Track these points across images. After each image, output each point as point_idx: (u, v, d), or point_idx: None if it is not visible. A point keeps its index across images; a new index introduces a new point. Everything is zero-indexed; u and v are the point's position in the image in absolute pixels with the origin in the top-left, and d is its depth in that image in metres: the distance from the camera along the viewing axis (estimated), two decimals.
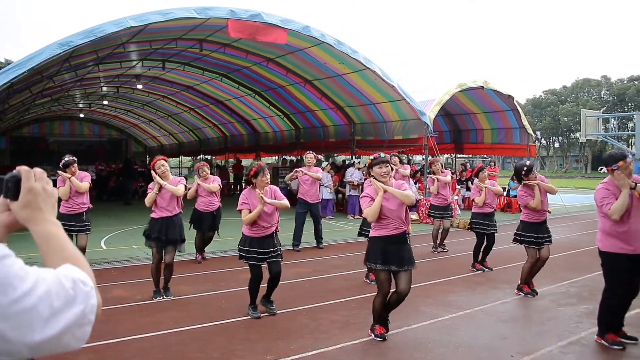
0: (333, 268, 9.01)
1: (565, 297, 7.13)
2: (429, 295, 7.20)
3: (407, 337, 5.47)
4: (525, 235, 7.17)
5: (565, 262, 9.56)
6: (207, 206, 9.34)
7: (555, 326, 5.87)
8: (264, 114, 23.39)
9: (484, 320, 6.11)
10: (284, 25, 12.36)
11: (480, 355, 4.95)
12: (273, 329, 5.71)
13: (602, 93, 71.14)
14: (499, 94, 18.99)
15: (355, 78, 16.10)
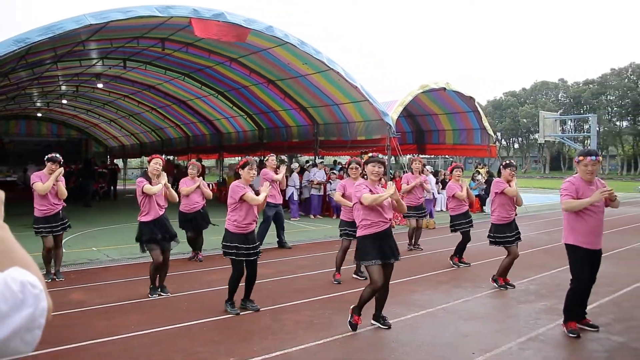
0: (297, 268, 9.01)
1: (524, 295, 7.27)
2: (392, 294, 7.20)
3: (370, 337, 5.50)
4: (499, 237, 7.56)
5: (525, 260, 9.72)
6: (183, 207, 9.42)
7: (514, 323, 5.98)
8: (226, 114, 23.22)
9: (446, 319, 6.18)
10: (247, 25, 12.29)
11: (442, 354, 5.01)
12: (236, 331, 5.68)
13: (559, 95, 72.94)
14: (460, 95, 19.26)
15: (318, 78, 16.11)
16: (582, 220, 5.35)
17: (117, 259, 9.61)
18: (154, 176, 7.03)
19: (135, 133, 33.12)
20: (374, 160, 5.63)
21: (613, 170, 66.35)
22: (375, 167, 5.58)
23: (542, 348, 5.18)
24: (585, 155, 5.41)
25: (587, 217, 5.33)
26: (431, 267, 8.98)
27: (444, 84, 18.33)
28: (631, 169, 65.14)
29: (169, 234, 7.06)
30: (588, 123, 42.44)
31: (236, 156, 30.11)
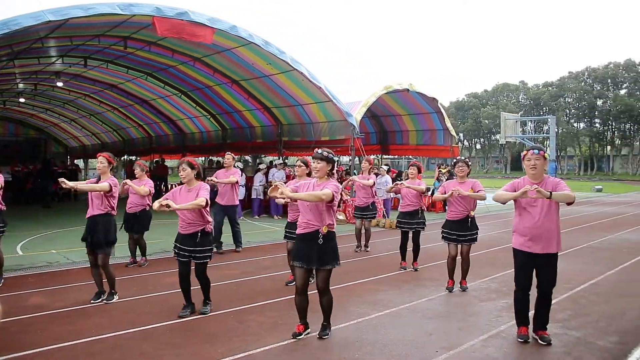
0: (261, 269, 8.97)
1: (486, 293, 7.39)
2: (356, 294, 7.29)
3: (334, 336, 5.50)
4: (445, 232, 7.53)
5: (487, 259, 9.92)
6: (128, 207, 9.09)
7: (477, 321, 6.08)
8: (190, 114, 23.02)
9: (409, 318, 6.24)
10: (211, 24, 12.20)
11: (406, 352, 5.05)
12: (200, 333, 5.62)
13: (520, 97, 74.48)
14: (423, 96, 19.49)
15: (282, 79, 16.10)
16: (521, 222, 5.27)
17: (78, 261, 9.40)
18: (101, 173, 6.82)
19: (96, 133, 32.55)
20: (314, 157, 5.40)
21: (571, 171, 67.97)
22: (314, 164, 5.35)
23: (503, 345, 5.28)
24: (528, 150, 5.24)
25: (525, 219, 5.22)
26: (395, 267, 9.05)
27: (408, 85, 18.52)
28: (588, 169, 66.86)
29: (93, 237, 6.66)
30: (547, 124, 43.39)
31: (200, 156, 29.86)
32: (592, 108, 64.43)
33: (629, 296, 7.26)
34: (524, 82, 75.62)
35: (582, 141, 68.20)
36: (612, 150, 67.88)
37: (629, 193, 32.60)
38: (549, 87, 69.26)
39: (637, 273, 8.81)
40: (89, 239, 6.67)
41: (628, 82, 64.24)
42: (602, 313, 6.40)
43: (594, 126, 66.38)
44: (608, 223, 16.11)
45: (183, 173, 6.08)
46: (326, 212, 5.28)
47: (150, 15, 11.32)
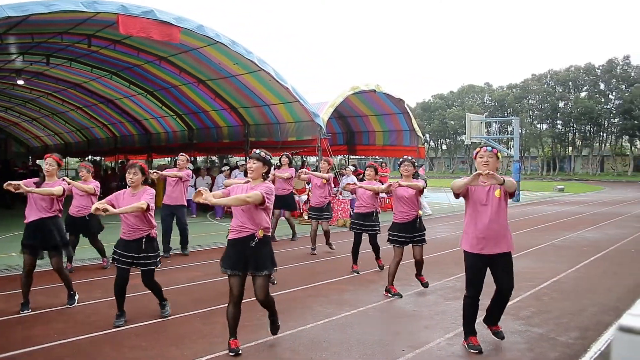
0: None
1: (452, 292, 7.48)
2: (323, 294, 7.31)
3: (302, 337, 5.51)
4: (396, 235, 7.22)
5: (452, 258, 10.02)
6: (73, 210, 8.62)
7: (443, 319, 6.15)
8: (156, 114, 22.76)
9: (376, 317, 6.29)
10: (177, 23, 12.08)
11: (373, 352, 5.09)
12: (165, 335, 5.56)
13: (485, 99, 75.59)
14: (390, 97, 19.63)
15: (249, 79, 16.04)
16: (472, 222, 5.07)
17: (39, 264, 9.17)
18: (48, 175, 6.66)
19: (59, 133, 31.95)
20: (251, 156, 5.17)
21: (534, 171, 69.23)
22: (249, 164, 5.12)
23: None
24: (481, 147, 5.16)
25: (477, 220, 5.03)
26: (361, 266, 9.08)
27: (374, 85, 18.63)
28: (550, 169, 68.19)
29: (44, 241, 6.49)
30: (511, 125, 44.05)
31: (166, 157, 29.59)
32: (554, 110, 65.78)
33: (588, 293, 7.44)
34: (488, 84, 76.81)
35: (545, 142, 69.56)
36: (573, 151, 69.38)
37: (589, 193, 33.38)
38: (513, 89, 70.46)
39: (596, 270, 9.03)
40: (36, 244, 6.46)
41: (588, 85, 65.79)
42: (563, 310, 6.54)
43: (556, 127, 67.77)
44: (569, 222, 16.47)
45: (134, 177, 5.85)
46: (261, 215, 5.00)
47: (115, 13, 11.14)
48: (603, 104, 63.16)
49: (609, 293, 7.43)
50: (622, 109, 60.35)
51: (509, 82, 73.74)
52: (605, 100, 63.77)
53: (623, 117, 60.72)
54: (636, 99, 58.59)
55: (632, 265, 9.53)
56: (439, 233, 13.57)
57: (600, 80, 64.42)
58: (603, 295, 7.32)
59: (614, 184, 48.00)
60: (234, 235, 5.03)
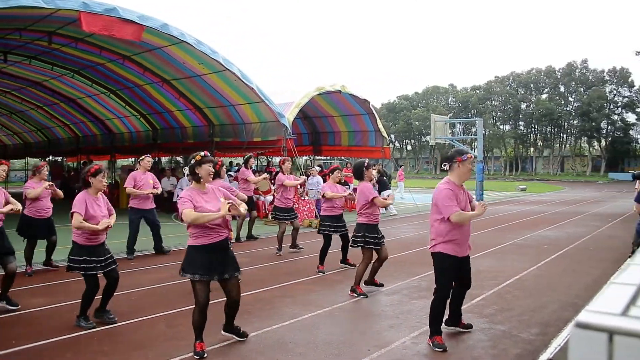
0: None
1: (417, 291, 7.55)
2: (289, 295, 7.30)
3: (268, 338, 5.49)
4: (369, 237, 7.22)
5: (417, 257, 10.12)
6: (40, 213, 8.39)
7: (408, 318, 6.21)
8: (119, 114, 22.41)
9: (342, 317, 6.31)
10: (141, 21, 11.90)
11: (339, 352, 5.10)
12: (129, 339, 5.48)
13: (449, 100, 76.60)
14: (355, 98, 19.71)
15: (214, 79, 15.92)
16: (454, 228, 5.14)
17: None
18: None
19: (18, 132, 31.20)
20: (206, 160, 5.14)
21: (497, 171, 70.44)
22: (210, 167, 5.15)
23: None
24: (469, 153, 5.24)
25: (458, 226, 5.14)
26: (328, 267, 9.10)
27: (340, 86, 18.68)
28: (513, 169, 69.49)
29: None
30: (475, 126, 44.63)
31: (129, 157, 29.15)
32: (516, 111, 67.11)
33: (549, 290, 7.60)
34: (453, 85, 77.88)
35: (508, 143, 70.88)
36: (535, 151, 70.87)
37: (550, 192, 34.11)
38: (476, 91, 71.64)
39: (557, 268, 9.23)
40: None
41: (549, 87, 67.36)
42: (525, 307, 6.67)
43: (519, 128, 69.12)
44: (531, 221, 16.79)
45: (105, 183, 5.91)
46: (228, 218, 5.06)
47: (76, 10, 10.89)
48: (563, 106, 64.79)
49: (568, 290, 7.61)
50: (581, 111, 61.99)
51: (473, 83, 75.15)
52: (565, 103, 65.44)
53: (582, 119, 62.34)
54: (594, 102, 60.24)
55: (590, 262, 9.77)
56: (404, 233, 13.68)
57: (560, 83, 66.10)
58: (563, 292, 7.49)
59: (573, 183, 49.20)
60: (209, 241, 4.94)
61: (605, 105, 62.00)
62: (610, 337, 0.70)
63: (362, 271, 7.26)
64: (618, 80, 63.30)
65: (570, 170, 66.75)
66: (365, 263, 7.25)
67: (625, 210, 19.72)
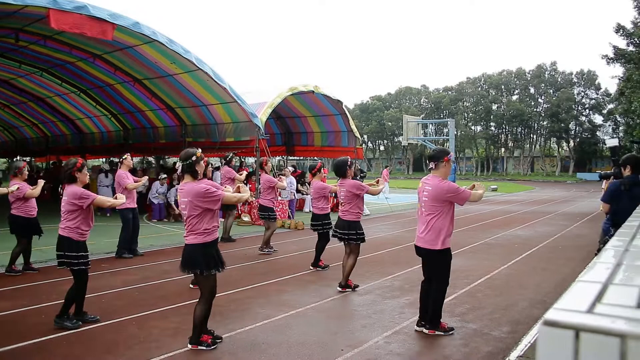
0: (164, 273, 8.72)
1: (389, 291, 7.59)
2: (262, 296, 7.28)
3: (240, 339, 5.47)
4: (360, 232, 7.55)
5: (390, 257, 10.18)
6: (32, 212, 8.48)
7: (381, 318, 6.24)
8: (90, 114, 22.11)
9: (315, 318, 6.31)
10: (112, 20, 11.73)
11: (312, 352, 5.11)
12: (99, 342, 5.40)
13: (421, 101, 77.07)
14: (328, 98, 19.73)
15: (186, 79, 15.80)
16: (452, 224, 5.57)
17: None
18: None
19: None
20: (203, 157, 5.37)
21: (469, 171, 71.17)
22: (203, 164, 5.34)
23: (406, 340, 5.46)
24: (450, 151, 5.71)
25: (453, 221, 5.59)
26: (300, 267, 9.11)
27: (313, 87, 18.68)
28: (484, 169, 70.31)
29: None
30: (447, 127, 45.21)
31: (100, 157, 28.75)
32: (487, 112, 67.88)
33: (520, 288, 7.71)
34: (425, 86, 78.37)
35: (479, 143, 71.69)
36: (505, 152, 71.80)
37: (520, 192, 34.60)
38: (448, 92, 72.22)
39: (527, 267, 9.37)
40: None
41: (519, 88, 68.27)
42: (496, 305, 6.76)
43: (490, 129, 69.92)
44: (502, 220, 17.02)
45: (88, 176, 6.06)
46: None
47: (45, 7, 10.67)
48: (533, 107, 65.78)
49: (538, 288, 7.73)
50: (550, 112, 63.05)
51: (445, 84, 75.53)
52: (534, 104, 66.45)
53: (551, 120, 63.37)
54: (562, 103, 61.33)
55: (559, 261, 9.94)
56: (377, 233, 13.74)
57: (530, 85, 67.09)
58: (533, 290, 7.61)
59: (543, 183, 50.00)
60: (216, 236, 5.29)
61: (574, 107, 63.19)
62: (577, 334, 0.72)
63: (353, 266, 7.54)
64: (585, 83, 64.50)
65: (540, 171, 67.78)
66: (355, 257, 7.56)
67: (592, 210, 20.10)
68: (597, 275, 1.03)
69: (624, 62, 24.20)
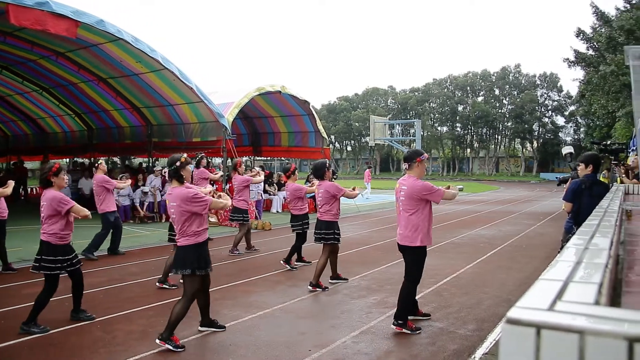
0: (130, 275, 8.61)
1: (357, 290, 7.62)
2: (230, 297, 7.24)
3: (208, 341, 5.43)
4: (337, 233, 7.75)
5: (357, 257, 10.23)
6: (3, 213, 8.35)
7: (348, 318, 6.26)
8: (52, 113, 21.69)
9: (283, 318, 6.30)
10: (76, 17, 11.48)
11: (280, 353, 5.09)
12: (63, 347, 5.28)
13: (388, 101, 77.60)
14: (295, 99, 19.74)
15: (152, 78, 15.62)
16: (430, 221, 5.77)
17: None
18: None
19: None
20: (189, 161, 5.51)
21: (435, 171, 71.90)
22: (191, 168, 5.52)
23: (374, 339, 5.49)
24: (424, 152, 5.92)
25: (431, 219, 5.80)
26: (268, 268, 9.08)
27: (280, 87, 18.66)
28: (450, 170, 71.16)
29: None
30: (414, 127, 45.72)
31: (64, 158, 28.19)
32: (453, 113, 68.73)
33: (485, 287, 7.82)
34: (392, 87, 78.91)
35: (445, 144, 72.51)
36: (471, 152, 72.80)
37: (485, 192, 35.11)
38: (415, 93, 72.86)
39: (492, 265, 9.52)
40: None
41: (484, 90, 69.30)
42: (462, 304, 6.85)
43: (456, 130, 70.81)
44: (467, 220, 17.24)
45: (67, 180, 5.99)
46: None
47: (3, 1, 10.38)
48: (498, 109, 66.86)
49: (502, 286, 7.86)
50: (514, 114, 64.22)
51: (412, 85, 76.29)
52: (499, 105, 67.57)
53: (515, 121, 64.54)
54: (526, 105, 62.56)
55: (523, 260, 10.11)
56: (344, 233, 13.69)
57: (495, 86, 68.17)
58: (497, 288, 7.73)
59: (508, 183, 50.85)
60: (206, 237, 5.42)
61: (537, 108, 64.54)
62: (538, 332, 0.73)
63: (324, 265, 7.69)
64: (548, 85, 65.89)
65: (504, 171, 68.96)
66: (327, 258, 7.72)
67: (555, 209, 20.51)
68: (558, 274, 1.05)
69: (585, 66, 24.79)
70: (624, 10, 22.96)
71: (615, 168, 9.60)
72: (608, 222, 2.03)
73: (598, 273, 1.07)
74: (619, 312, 0.77)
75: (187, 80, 14.68)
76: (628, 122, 20.29)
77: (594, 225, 1.94)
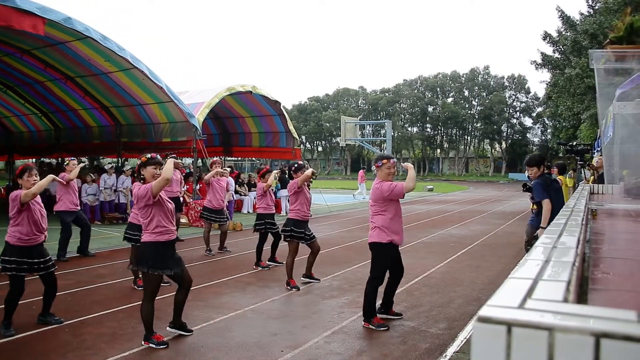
0: (98, 278, 8.48)
1: (328, 290, 7.64)
2: (200, 298, 7.18)
3: (179, 343, 5.38)
4: (296, 232, 7.78)
5: (328, 257, 10.25)
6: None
7: (320, 318, 6.27)
8: (17, 112, 21.25)
9: (254, 319, 6.28)
10: (42, 14, 11.23)
11: (252, 354, 5.08)
12: (30, 352, 5.18)
13: (359, 102, 77.95)
14: (266, 99, 19.68)
15: (121, 77, 15.42)
16: (394, 219, 5.88)
17: None
18: None
19: None
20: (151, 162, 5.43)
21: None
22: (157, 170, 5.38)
23: (346, 339, 5.51)
24: (387, 158, 5.97)
25: (397, 217, 5.93)
26: (239, 269, 9.05)
27: (251, 87, 18.59)
28: (421, 170, 71.71)
29: None
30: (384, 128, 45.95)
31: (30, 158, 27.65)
32: (424, 114, 69.38)
33: (455, 286, 7.91)
34: (363, 88, 79.28)
35: (416, 144, 73.15)
36: (441, 153, 73.59)
37: (455, 192, 35.51)
38: (386, 93, 73.33)
39: (462, 264, 9.63)
40: None
41: (454, 91, 70.16)
42: (433, 303, 6.92)
43: (426, 131, 71.49)
44: (438, 220, 17.42)
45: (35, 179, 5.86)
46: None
47: None
48: (467, 110, 67.75)
49: (472, 285, 7.96)
50: (483, 115, 65.20)
51: (382, 86, 76.74)
52: (469, 106, 68.47)
53: (484, 122, 65.50)
54: (495, 106, 63.57)
55: (492, 258, 10.26)
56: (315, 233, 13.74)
57: (464, 87, 69.05)
58: (468, 287, 7.83)
59: (477, 183, 51.51)
60: (170, 237, 5.34)
61: (505, 109, 65.59)
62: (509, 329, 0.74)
63: (292, 264, 7.76)
64: (516, 87, 67.02)
65: (474, 171, 69.86)
66: (292, 256, 7.80)
67: (523, 208, 20.84)
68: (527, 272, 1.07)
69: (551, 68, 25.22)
70: (587, 15, 23.45)
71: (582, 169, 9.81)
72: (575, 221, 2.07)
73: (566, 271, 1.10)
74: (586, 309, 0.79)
75: (157, 79, 14.53)
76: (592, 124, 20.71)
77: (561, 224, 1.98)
